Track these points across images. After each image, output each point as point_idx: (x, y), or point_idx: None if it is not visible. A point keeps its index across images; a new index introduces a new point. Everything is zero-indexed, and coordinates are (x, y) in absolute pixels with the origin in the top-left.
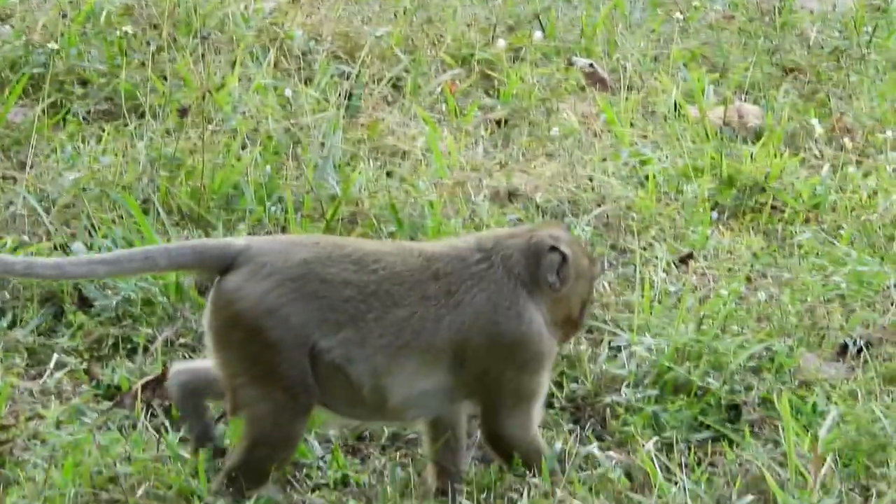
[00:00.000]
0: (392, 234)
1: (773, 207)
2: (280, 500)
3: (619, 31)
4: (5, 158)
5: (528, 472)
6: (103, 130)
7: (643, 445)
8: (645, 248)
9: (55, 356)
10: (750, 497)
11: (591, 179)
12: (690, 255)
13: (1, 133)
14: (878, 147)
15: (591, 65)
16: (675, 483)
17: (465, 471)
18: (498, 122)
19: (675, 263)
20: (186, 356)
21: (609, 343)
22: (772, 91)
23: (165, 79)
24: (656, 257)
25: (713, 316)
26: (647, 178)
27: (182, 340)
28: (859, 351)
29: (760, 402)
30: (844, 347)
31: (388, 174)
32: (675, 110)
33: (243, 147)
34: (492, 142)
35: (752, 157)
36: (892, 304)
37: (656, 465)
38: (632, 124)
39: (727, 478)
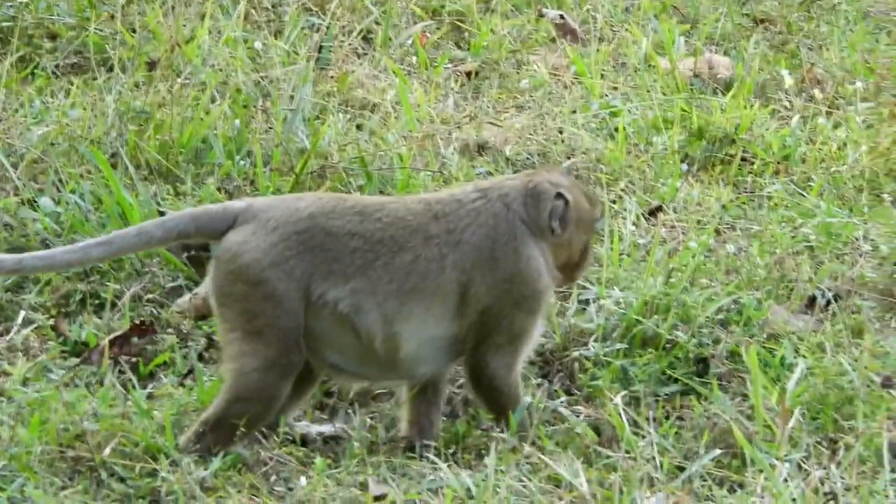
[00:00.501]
0: (361, 188)
1: (742, 159)
2: (247, 458)
3: None
4: None
5: (499, 418)
6: (72, 84)
7: (611, 399)
8: (614, 201)
9: (22, 313)
10: (718, 451)
11: (560, 131)
12: (660, 208)
13: None
14: (848, 98)
15: (561, 16)
16: (643, 437)
17: (439, 426)
18: (468, 75)
19: (644, 216)
20: (154, 312)
21: (577, 297)
22: (742, 42)
23: (134, 32)
24: (626, 210)
25: (682, 269)
26: (616, 129)
27: (150, 296)
28: (828, 303)
29: (728, 355)
30: (813, 300)
31: (358, 127)
32: (646, 62)
33: (212, 100)
34: (462, 94)
35: (722, 108)
36: (860, 257)
37: (624, 419)
38: (602, 76)
39: (695, 431)
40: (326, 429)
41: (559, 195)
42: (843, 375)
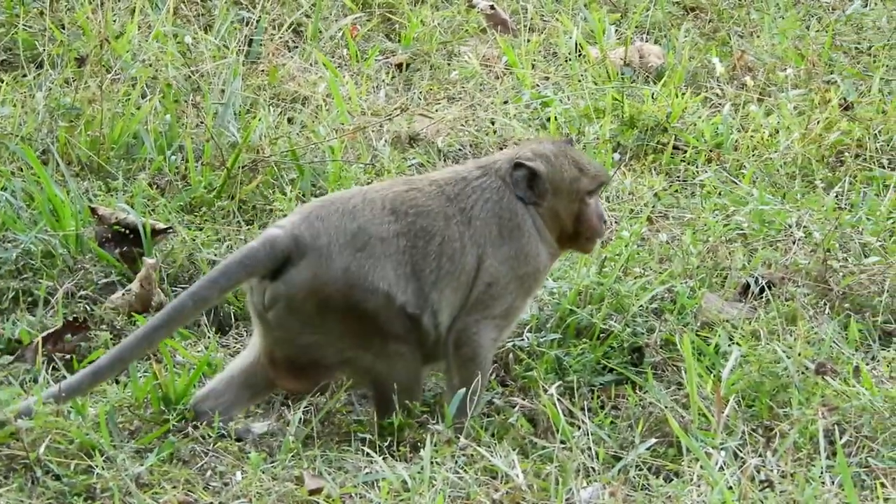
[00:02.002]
0: (293, 181)
1: (674, 147)
2: (183, 453)
3: None
4: None
5: (465, 391)
6: (1, 81)
7: (546, 390)
8: None
9: None
10: (653, 440)
11: (492, 122)
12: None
13: None
14: (780, 85)
15: (491, 6)
16: (579, 427)
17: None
18: (399, 66)
19: None
20: (87, 308)
21: None
22: (673, 30)
23: (63, 28)
24: None
25: (615, 258)
26: (548, 119)
27: (83, 293)
28: (761, 291)
29: (663, 344)
30: (746, 287)
31: (290, 120)
32: (577, 51)
33: (143, 96)
34: (393, 86)
35: (653, 97)
36: (793, 244)
37: (559, 410)
38: (533, 66)
39: (630, 421)
40: (260, 427)
41: (518, 165)
42: (777, 363)
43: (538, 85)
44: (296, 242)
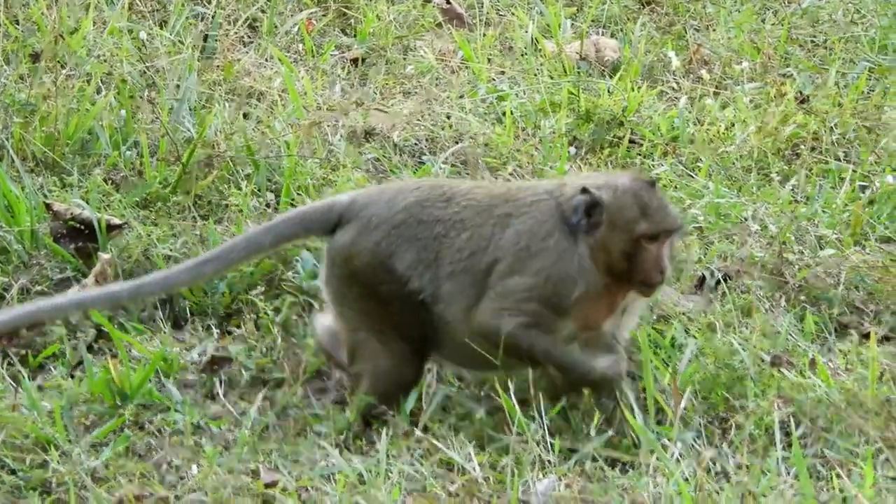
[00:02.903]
0: (248, 177)
1: (630, 141)
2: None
3: None
4: None
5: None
6: None
7: (503, 383)
8: None
9: None
10: (609, 432)
11: (448, 117)
12: None
13: None
14: (736, 78)
15: (447, 1)
16: (535, 420)
17: None
18: (354, 61)
19: None
20: None
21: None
22: (628, 24)
23: (18, 23)
24: None
25: None
26: (504, 114)
27: (38, 288)
28: (717, 283)
29: None
30: (702, 280)
31: (245, 115)
32: (532, 45)
33: (98, 91)
34: (349, 81)
35: (609, 90)
36: (749, 236)
37: (515, 403)
38: (489, 60)
39: (586, 413)
40: None
41: (584, 190)
42: (733, 355)
43: (494, 79)
44: (350, 207)
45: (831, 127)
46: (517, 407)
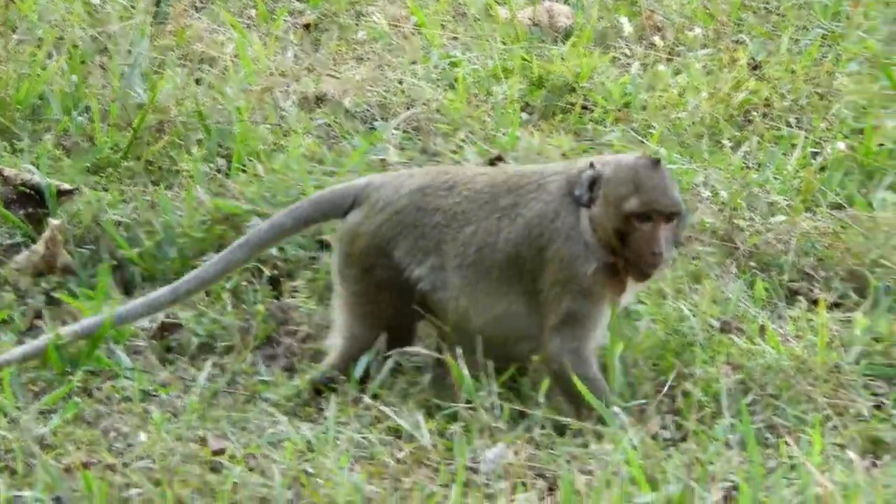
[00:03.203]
0: (199, 142)
1: (583, 107)
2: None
3: None
4: None
5: (572, 405)
6: None
7: (451, 350)
8: (455, 151)
9: None
10: (558, 398)
11: (400, 83)
12: (500, 157)
13: None
14: (688, 45)
15: None
16: (483, 387)
17: None
18: (307, 27)
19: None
20: None
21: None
22: None
23: None
24: (467, 160)
25: None
26: (456, 80)
27: None
28: None
29: None
30: None
31: (197, 81)
32: (485, 11)
33: (49, 56)
34: (301, 47)
35: (562, 57)
36: (700, 203)
37: (464, 370)
38: (442, 26)
39: (535, 380)
40: None
41: (591, 164)
42: (683, 321)
43: (447, 45)
44: (364, 189)
45: (783, 93)
46: (466, 374)
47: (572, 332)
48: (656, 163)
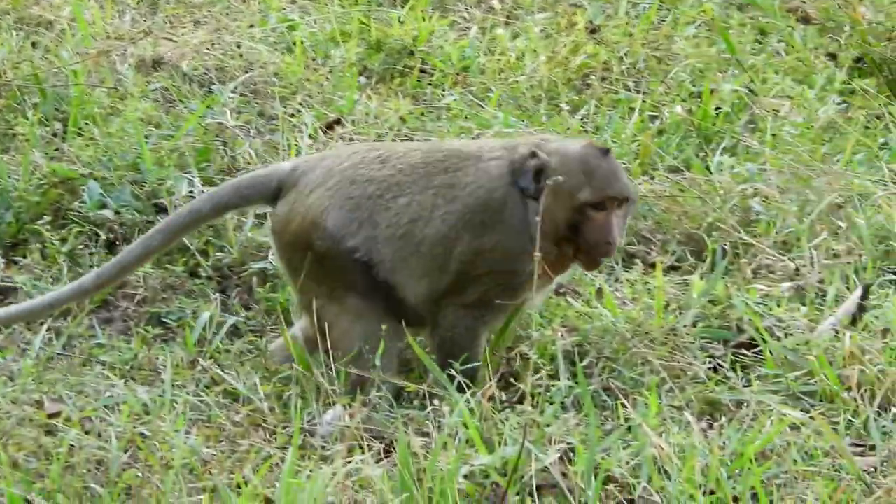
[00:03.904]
0: (35, 105)
1: (421, 71)
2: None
3: None
4: None
5: (452, 370)
6: None
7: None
8: (292, 115)
9: None
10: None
11: (238, 46)
12: (338, 121)
13: None
14: (527, 8)
15: None
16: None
17: None
18: None
19: (322, 129)
20: None
21: (255, 211)
22: None
23: None
24: (304, 123)
25: None
26: (294, 43)
27: None
28: None
29: None
30: None
31: (34, 45)
32: None
33: None
34: (138, 10)
35: (400, 20)
36: None
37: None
38: None
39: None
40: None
41: (533, 154)
42: None
43: (285, 8)
44: (290, 175)
45: (621, 57)
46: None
47: (480, 313)
48: (607, 151)
